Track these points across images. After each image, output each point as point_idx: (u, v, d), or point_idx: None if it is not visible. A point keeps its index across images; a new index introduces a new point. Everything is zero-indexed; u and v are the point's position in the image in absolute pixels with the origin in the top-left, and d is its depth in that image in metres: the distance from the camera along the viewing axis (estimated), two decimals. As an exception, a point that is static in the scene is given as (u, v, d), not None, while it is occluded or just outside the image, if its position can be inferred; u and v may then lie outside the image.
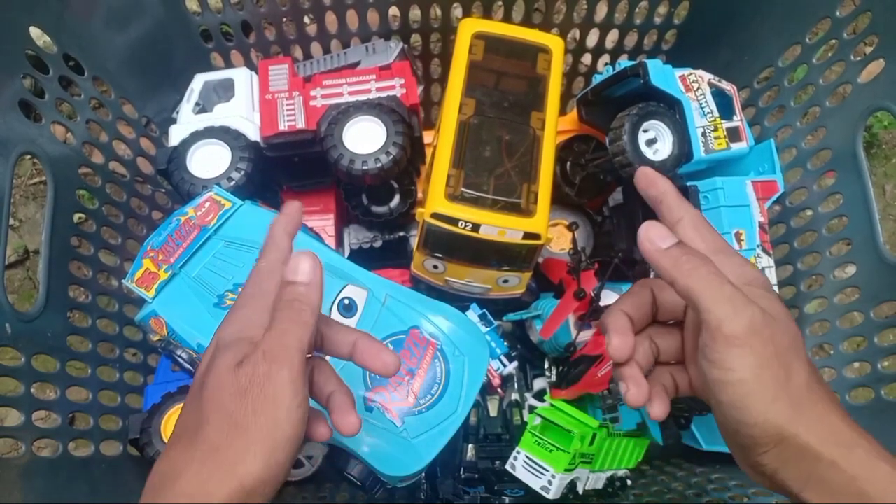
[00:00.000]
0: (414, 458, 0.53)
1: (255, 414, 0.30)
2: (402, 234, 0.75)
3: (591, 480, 0.63)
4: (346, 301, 0.57)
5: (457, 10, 0.75)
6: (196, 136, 0.64)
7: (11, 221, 0.93)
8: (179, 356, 0.59)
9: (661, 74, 0.64)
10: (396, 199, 0.71)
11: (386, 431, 0.53)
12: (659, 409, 0.35)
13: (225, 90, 0.70)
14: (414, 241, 0.65)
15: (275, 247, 0.35)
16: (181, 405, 0.59)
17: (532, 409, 0.65)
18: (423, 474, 0.63)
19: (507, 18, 0.77)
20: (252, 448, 0.29)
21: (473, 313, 0.68)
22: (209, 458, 0.29)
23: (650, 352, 0.37)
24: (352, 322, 0.57)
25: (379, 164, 0.62)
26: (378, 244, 0.74)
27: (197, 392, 0.32)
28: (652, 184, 0.36)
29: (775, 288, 0.68)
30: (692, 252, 0.32)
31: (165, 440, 0.57)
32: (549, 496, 0.58)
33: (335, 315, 0.57)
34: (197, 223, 0.58)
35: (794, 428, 0.30)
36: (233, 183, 0.62)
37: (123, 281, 0.58)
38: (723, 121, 0.66)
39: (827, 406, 0.31)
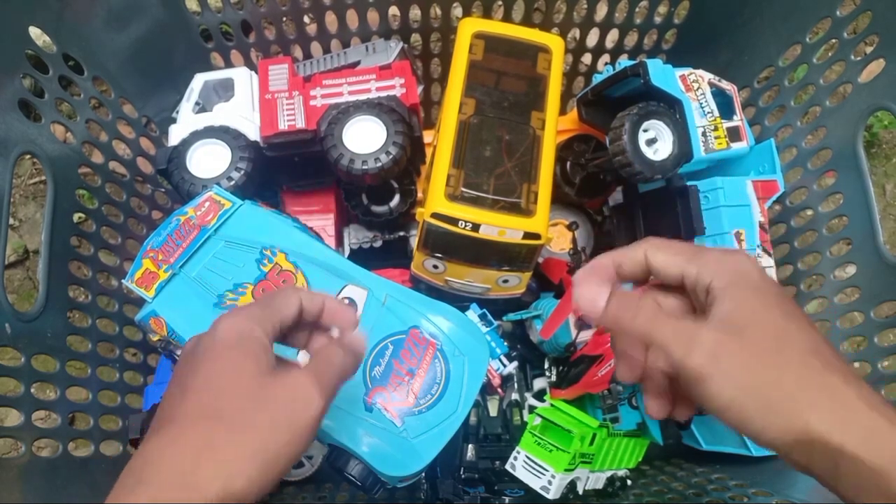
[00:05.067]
0: (414, 458, 0.53)
1: (274, 429, 0.29)
2: (402, 234, 0.75)
3: (591, 480, 0.63)
4: (346, 301, 0.57)
5: (457, 10, 0.75)
6: (196, 136, 0.64)
7: (11, 221, 0.93)
8: (179, 356, 0.59)
9: (661, 74, 0.64)
10: (396, 199, 0.71)
11: (386, 431, 0.53)
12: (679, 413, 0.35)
13: (225, 90, 0.70)
14: (414, 241, 0.65)
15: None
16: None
17: (532, 409, 0.65)
18: (423, 474, 0.63)
19: (507, 18, 0.77)
20: (256, 456, 0.28)
21: (473, 313, 0.68)
22: (205, 451, 0.28)
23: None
24: (352, 322, 0.56)
25: (379, 164, 0.62)
26: (378, 244, 0.74)
27: (189, 373, 0.30)
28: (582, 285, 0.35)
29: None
30: (626, 299, 0.32)
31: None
32: (549, 496, 0.58)
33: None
34: (197, 223, 0.58)
35: (802, 420, 0.27)
36: (233, 183, 0.62)
37: (123, 281, 0.58)
38: (723, 120, 0.66)
39: (833, 381, 0.28)
